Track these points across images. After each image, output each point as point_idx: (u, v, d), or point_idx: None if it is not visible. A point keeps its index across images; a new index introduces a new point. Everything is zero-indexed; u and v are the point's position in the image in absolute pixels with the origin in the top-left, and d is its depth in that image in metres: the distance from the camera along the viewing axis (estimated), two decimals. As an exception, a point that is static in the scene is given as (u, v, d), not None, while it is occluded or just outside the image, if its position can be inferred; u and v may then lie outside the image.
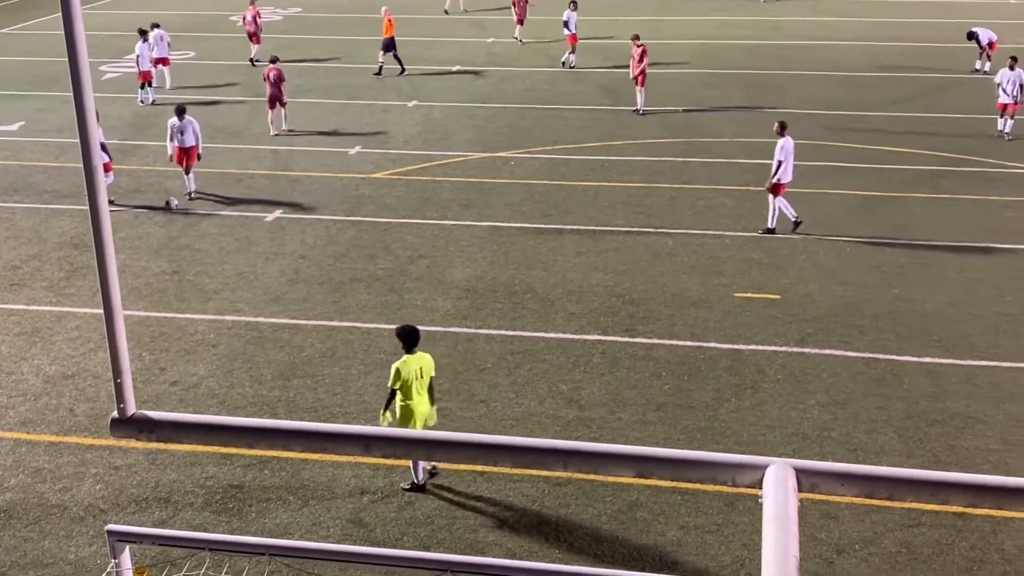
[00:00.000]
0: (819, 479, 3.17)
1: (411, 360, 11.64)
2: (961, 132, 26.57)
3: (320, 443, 3.89)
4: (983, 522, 11.25)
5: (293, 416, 13.55)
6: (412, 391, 11.56)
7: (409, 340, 11.74)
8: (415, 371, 11.61)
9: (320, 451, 3.67)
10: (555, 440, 3.33)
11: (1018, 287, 17.30)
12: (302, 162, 24.71)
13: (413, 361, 11.65)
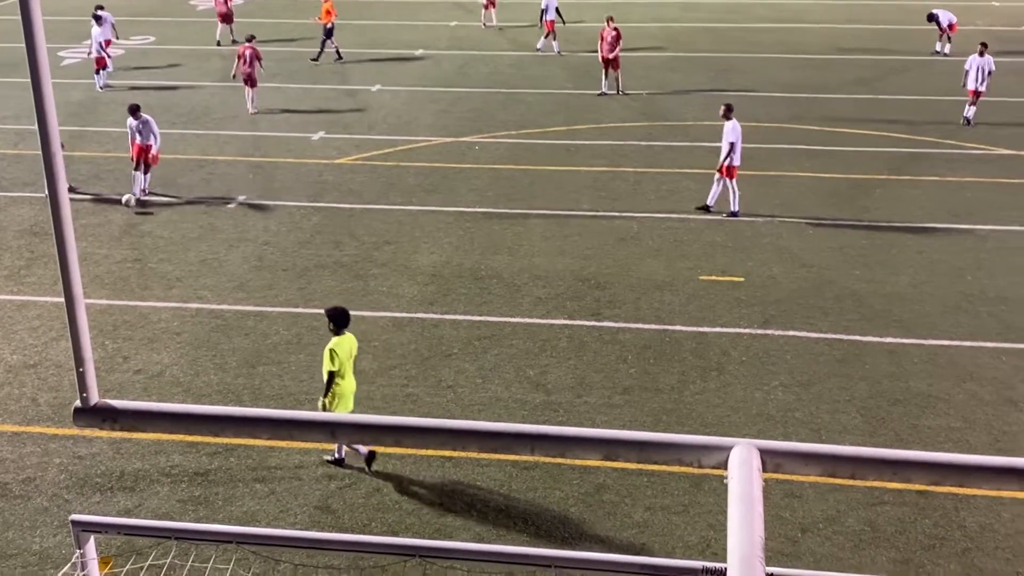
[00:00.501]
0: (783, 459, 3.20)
1: (343, 341, 11.67)
2: (922, 114, 26.81)
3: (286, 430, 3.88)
4: (945, 500, 11.41)
5: (259, 404, 13.49)
6: (346, 371, 11.62)
7: (340, 321, 11.75)
8: (348, 351, 11.64)
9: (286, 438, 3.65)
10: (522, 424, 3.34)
11: (978, 267, 17.52)
12: (264, 148, 24.52)
13: (345, 342, 11.69)
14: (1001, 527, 10.96)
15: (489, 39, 37.05)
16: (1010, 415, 13.10)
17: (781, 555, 10.44)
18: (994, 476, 3.13)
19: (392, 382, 13.96)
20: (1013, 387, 13.75)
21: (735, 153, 19.47)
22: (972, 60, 25.99)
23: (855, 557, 10.53)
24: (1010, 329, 15.34)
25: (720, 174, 19.69)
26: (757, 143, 24.16)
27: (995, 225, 19.34)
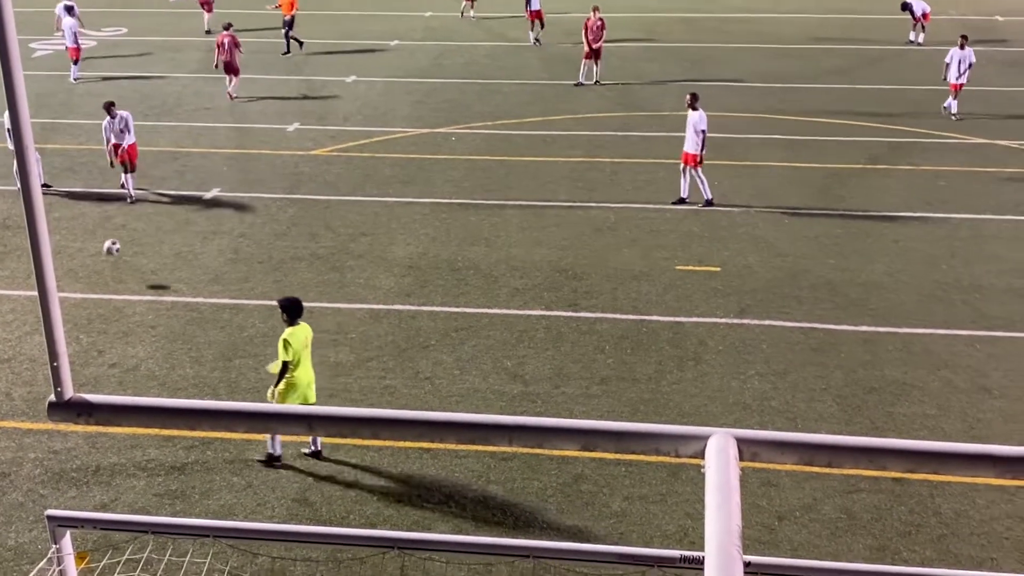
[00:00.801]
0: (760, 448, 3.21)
1: (298, 331, 11.65)
2: (896, 103, 26.95)
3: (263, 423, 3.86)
4: (920, 487, 11.50)
5: (235, 397, 13.43)
6: (302, 361, 11.60)
7: (294, 311, 11.71)
8: (303, 341, 11.63)
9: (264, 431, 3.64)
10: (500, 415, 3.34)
11: (952, 255, 17.65)
12: (239, 139, 24.39)
13: (300, 332, 11.67)
14: (976, 513, 11.06)
15: (464, 29, 36.97)
16: (984, 402, 13.21)
17: (758, 543, 10.50)
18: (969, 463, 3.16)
19: (369, 374, 13.94)
20: (987, 375, 13.86)
21: (694, 142, 19.53)
22: (953, 53, 25.78)
23: (832, 544, 10.60)
24: (984, 317, 15.46)
25: (687, 164, 19.75)
26: (733, 133, 24.24)
27: (969, 214, 19.48)
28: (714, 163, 21.58)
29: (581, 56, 29.16)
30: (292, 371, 11.57)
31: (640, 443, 3.37)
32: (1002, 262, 17.35)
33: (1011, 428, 12.58)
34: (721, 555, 2.71)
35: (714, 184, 20.47)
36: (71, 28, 29.37)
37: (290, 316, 11.71)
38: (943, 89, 26.82)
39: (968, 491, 11.39)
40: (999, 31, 35.70)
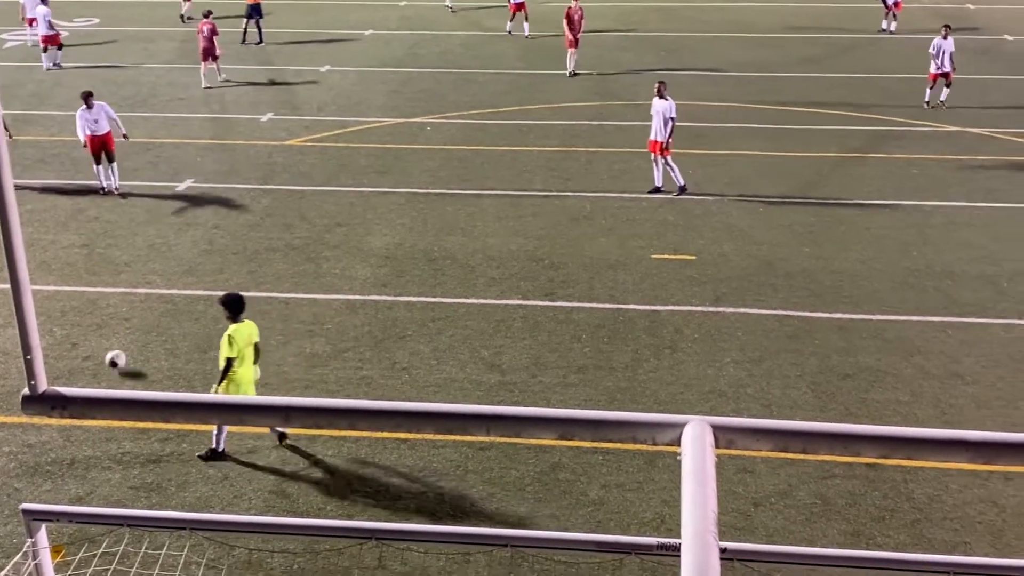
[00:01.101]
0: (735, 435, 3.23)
1: (242, 328, 11.60)
2: (869, 92, 27.09)
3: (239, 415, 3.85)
4: (894, 472, 11.60)
5: (210, 389, 13.37)
6: (245, 358, 11.56)
7: (236, 307, 11.66)
8: (247, 338, 11.60)
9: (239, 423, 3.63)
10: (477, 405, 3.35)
11: (924, 243, 17.78)
12: (212, 129, 24.24)
13: (244, 328, 11.63)
14: (949, 498, 11.17)
15: (440, 19, 36.86)
16: (956, 388, 13.33)
17: (734, 529, 10.56)
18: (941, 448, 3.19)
19: (346, 365, 13.91)
20: (959, 361, 13.99)
21: (656, 129, 19.54)
22: (938, 43, 25.57)
23: (807, 530, 10.68)
24: (956, 303, 15.59)
25: (655, 153, 19.76)
26: (708, 122, 24.31)
27: (941, 201, 19.62)
28: (689, 152, 21.64)
29: (562, 46, 29.13)
30: (235, 368, 11.47)
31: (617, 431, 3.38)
32: (974, 249, 17.49)
33: (983, 414, 12.71)
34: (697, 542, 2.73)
35: (688, 173, 20.52)
36: (45, 16, 29.19)
37: (232, 312, 11.60)
38: (917, 77, 26.98)
39: (941, 476, 11.50)
40: (970, 19, 35.92)
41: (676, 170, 19.76)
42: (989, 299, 15.72)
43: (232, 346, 11.41)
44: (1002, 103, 25.66)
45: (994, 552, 10.25)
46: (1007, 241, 17.79)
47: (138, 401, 4.16)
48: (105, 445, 12.21)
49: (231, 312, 11.64)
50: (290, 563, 10.07)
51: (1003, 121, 24.48)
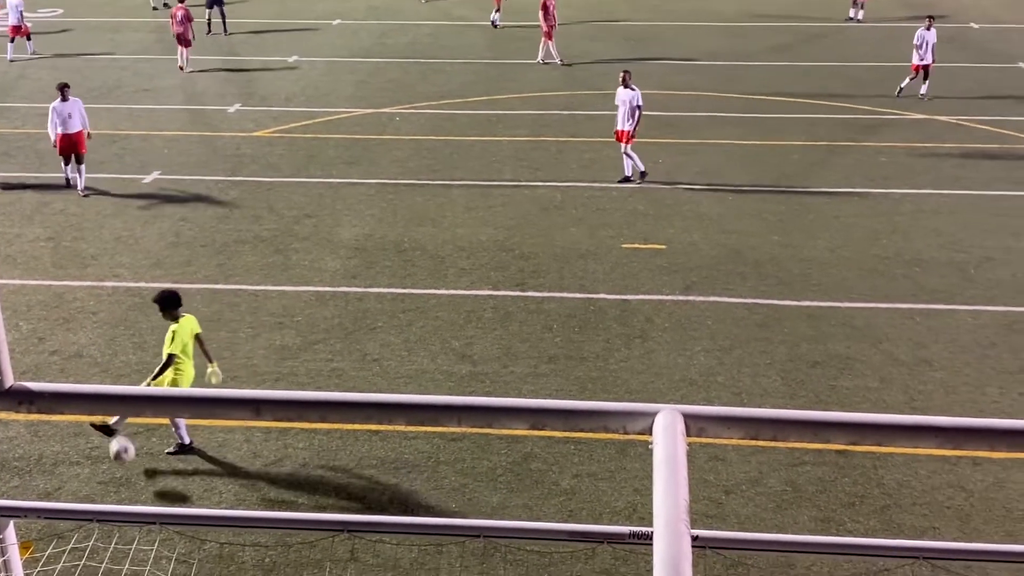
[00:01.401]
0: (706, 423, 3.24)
1: (185, 323, 11.48)
2: (837, 80, 27.24)
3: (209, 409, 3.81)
4: (864, 458, 11.69)
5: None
6: (188, 355, 11.45)
7: (171, 304, 11.49)
8: (190, 332, 11.51)
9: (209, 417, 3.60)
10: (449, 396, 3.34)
11: (892, 230, 17.91)
12: (179, 121, 24.04)
13: (187, 324, 11.52)
14: (918, 483, 11.27)
15: (408, 8, 36.71)
16: (925, 374, 13.45)
17: (706, 517, 10.61)
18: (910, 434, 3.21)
19: (316, 357, 13.85)
20: (927, 347, 14.11)
21: (622, 119, 19.55)
22: (921, 33, 25.49)
23: (777, 517, 10.75)
24: (924, 291, 15.73)
25: (621, 142, 19.78)
26: (677, 111, 24.37)
27: (909, 189, 19.77)
28: (659, 141, 21.70)
29: (532, 35, 29.10)
30: (179, 364, 11.33)
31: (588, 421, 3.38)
32: (941, 236, 17.65)
33: (951, 399, 12.83)
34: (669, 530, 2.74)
35: (657, 162, 20.59)
36: (16, 7, 28.93)
37: (169, 309, 11.43)
38: (885, 66, 27.17)
39: (910, 462, 11.60)
40: (937, 7, 36.15)
41: (635, 158, 19.78)
42: (957, 286, 15.87)
43: (176, 341, 11.28)
44: (969, 91, 25.87)
45: (962, 536, 10.37)
46: (974, 228, 17.96)
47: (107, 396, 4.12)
48: (73, 440, 12.10)
49: (168, 309, 11.45)
50: (261, 556, 10.03)
51: (970, 109, 24.69)
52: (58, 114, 19.25)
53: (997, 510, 10.82)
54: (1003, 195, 19.43)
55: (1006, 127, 23.31)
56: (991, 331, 14.52)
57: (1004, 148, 22.01)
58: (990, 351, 13.98)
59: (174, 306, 11.51)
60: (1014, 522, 10.62)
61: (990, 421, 3.02)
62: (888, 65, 28.69)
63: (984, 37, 32.16)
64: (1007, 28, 33.45)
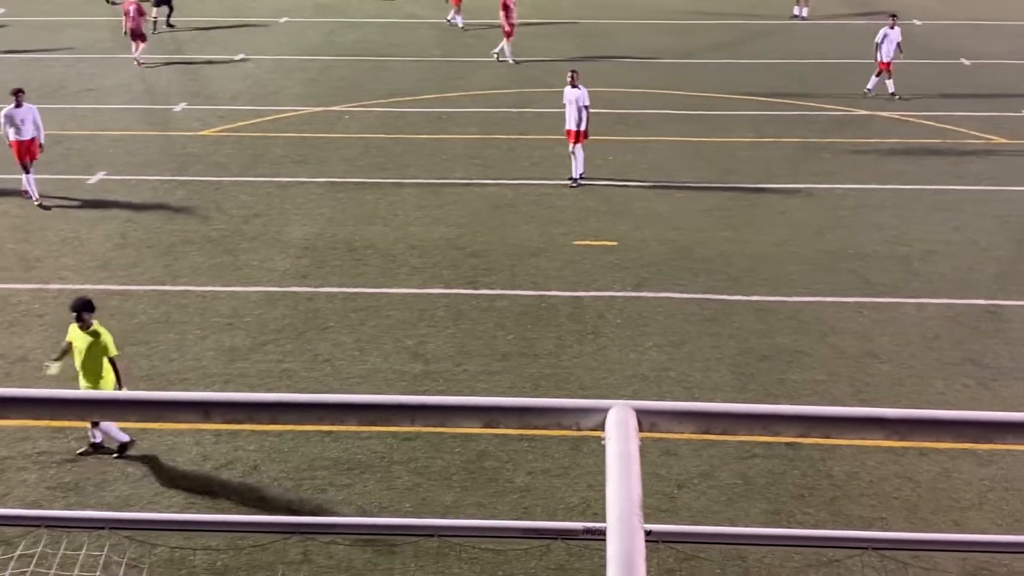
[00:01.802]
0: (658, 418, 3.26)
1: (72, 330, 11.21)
2: (783, 77, 27.52)
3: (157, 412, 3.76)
4: (813, 451, 11.83)
5: (128, 386, 13.09)
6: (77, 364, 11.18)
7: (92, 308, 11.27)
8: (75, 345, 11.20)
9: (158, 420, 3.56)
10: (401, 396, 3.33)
11: (837, 225, 18.14)
12: (125, 121, 23.72)
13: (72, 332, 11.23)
14: (866, 474, 11.43)
15: (356, 5, 36.52)
16: (871, 367, 13.64)
17: (659, 511, 10.68)
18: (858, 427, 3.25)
19: (267, 358, 13.74)
20: (873, 340, 14.31)
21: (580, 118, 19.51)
22: (885, 31, 25.54)
23: (729, 510, 10.85)
24: (869, 284, 15.95)
25: (575, 142, 19.72)
26: (626, 108, 24.48)
27: (853, 184, 20.03)
28: (609, 138, 21.79)
29: (484, 33, 29.07)
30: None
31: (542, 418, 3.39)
32: (885, 230, 17.90)
33: (897, 391, 13.03)
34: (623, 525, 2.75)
35: (608, 159, 20.68)
36: None
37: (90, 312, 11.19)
38: (830, 63, 27.48)
39: (858, 453, 11.76)
40: (880, 4, 36.67)
41: (578, 160, 19.70)
42: (901, 279, 16.11)
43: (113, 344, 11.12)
44: (912, 87, 26.26)
45: (910, 526, 10.53)
46: (917, 222, 18.24)
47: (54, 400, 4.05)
48: (20, 445, 11.90)
49: (88, 313, 11.17)
50: (213, 560, 9.93)
51: (913, 105, 25.06)
52: (10, 120, 18.46)
53: (944, 500, 11.01)
54: (945, 189, 19.76)
55: (948, 122, 23.71)
56: (935, 323, 14.76)
57: (946, 143, 22.37)
58: (934, 343, 14.21)
59: (93, 310, 11.29)
60: (961, 511, 10.82)
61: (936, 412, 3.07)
62: (833, 62, 29.06)
63: (927, 34, 32.65)
64: (949, 25, 34.01)
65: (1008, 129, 23.28)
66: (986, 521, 10.65)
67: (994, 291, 15.68)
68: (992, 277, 16.15)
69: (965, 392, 13.01)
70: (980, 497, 11.04)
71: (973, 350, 14.02)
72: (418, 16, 34.28)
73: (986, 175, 20.50)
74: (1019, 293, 15.61)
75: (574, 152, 19.78)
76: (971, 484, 11.24)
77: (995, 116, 24.21)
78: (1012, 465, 11.55)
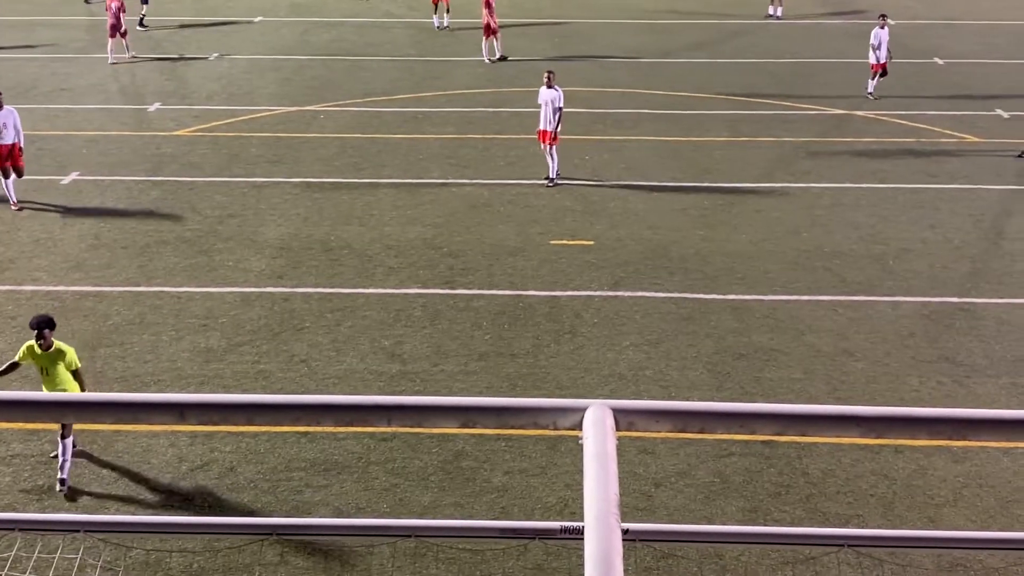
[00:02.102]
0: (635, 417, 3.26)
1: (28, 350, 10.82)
2: (758, 77, 27.63)
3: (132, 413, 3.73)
4: (789, 449, 11.89)
5: (102, 387, 13.02)
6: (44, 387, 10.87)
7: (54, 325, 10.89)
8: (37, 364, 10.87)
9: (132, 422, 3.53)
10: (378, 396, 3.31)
11: (813, 224, 18.23)
12: (98, 121, 23.55)
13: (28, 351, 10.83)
14: (842, 472, 11.49)
15: (331, 5, 36.41)
16: (847, 365, 13.72)
17: (636, 510, 10.71)
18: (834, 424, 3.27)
19: (242, 359, 13.67)
20: (848, 338, 14.39)
21: (554, 119, 19.46)
22: (877, 32, 25.54)
23: (706, 508, 10.89)
24: (845, 283, 16.04)
25: (548, 144, 19.61)
26: (602, 108, 24.53)
27: (829, 183, 20.14)
28: (585, 138, 21.83)
29: (453, 33, 29.05)
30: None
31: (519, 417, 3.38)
32: (861, 229, 18.01)
33: (873, 389, 13.11)
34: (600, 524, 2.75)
35: (585, 159, 20.69)
36: None
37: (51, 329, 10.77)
38: (804, 62, 27.59)
39: (834, 451, 11.83)
40: (854, 3, 36.92)
41: (555, 161, 19.71)
42: (876, 277, 16.21)
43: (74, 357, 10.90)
44: (886, 86, 26.42)
45: (886, 523, 10.60)
46: (893, 221, 18.36)
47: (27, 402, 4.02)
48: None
49: (50, 331, 10.74)
50: (189, 562, 9.87)
51: (887, 104, 25.22)
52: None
53: (919, 497, 11.08)
54: (919, 188, 19.90)
55: (923, 121, 23.88)
56: (910, 321, 14.86)
57: (920, 142, 22.53)
58: (909, 340, 14.31)
59: (55, 327, 10.93)
60: (936, 508, 10.89)
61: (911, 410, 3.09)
62: (808, 61, 29.21)
63: (900, 33, 32.84)
64: (922, 24, 34.25)
65: (982, 128, 23.47)
66: (960, 517, 10.73)
67: (968, 289, 15.81)
68: (966, 275, 16.28)
69: (940, 389, 13.11)
70: (955, 494, 11.12)
71: (947, 347, 14.13)
72: (393, 15, 34.19)
73: (960, 174, 20.66)
74: (992, 291, 15.75)
75: (549, 152, 19.77)
76: (946, 481, 11.32)
77: (969, 115, 24.41)
78: (986, 462, 11.64)
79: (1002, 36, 31.30)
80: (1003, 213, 18.76)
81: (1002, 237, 17.72)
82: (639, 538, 5.30)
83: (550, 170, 19.83)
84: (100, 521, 5.66)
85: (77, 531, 5.28)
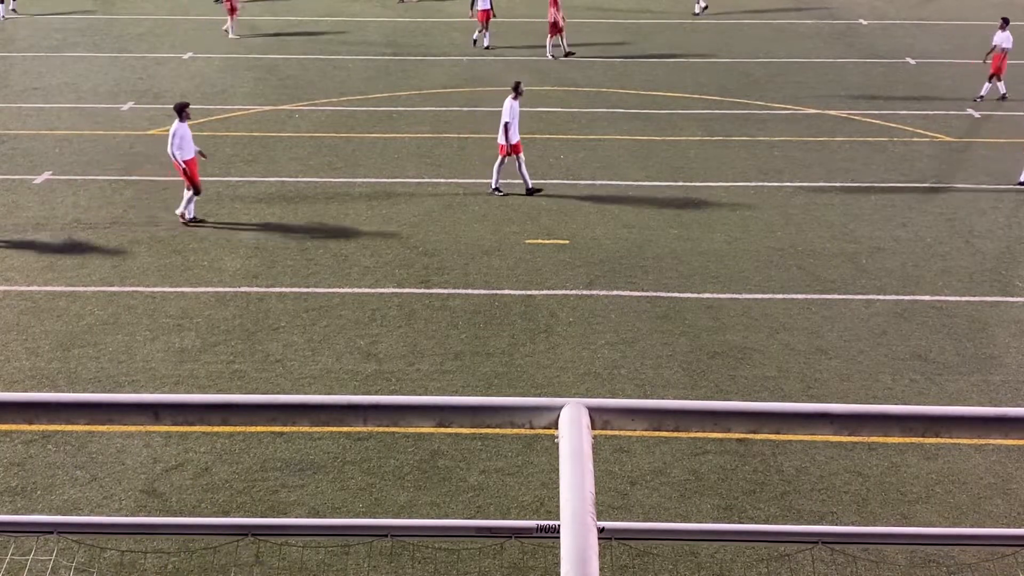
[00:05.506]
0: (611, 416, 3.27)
1: None
2: (731, 76, 27.75)
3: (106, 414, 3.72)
4: (763, 446, 11.95)
5: (76, 388, 12.94)
6: None
7: None
8: None
9: (106, 423, 3.51)
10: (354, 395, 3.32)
11: (786, 223, 18.33)
12: (70, 120, 23.37)
13: None
14: (816, 469, 11.57)
15: (304, 4, 36.26)
16: (820, 363, 13.81)
17: (612, 508, 10.74)
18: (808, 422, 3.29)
19: (217, 359, 13.61)
20: (822, 336, 14.49)
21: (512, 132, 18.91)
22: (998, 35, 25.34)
23: (682, 506, 10.93)
24: (818, 281, 16.14)
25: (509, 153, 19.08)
26: (577, 107, 24.56)
27: (802, 182, 20.26)
28: (560, 137, 21.86)
29: (427, 31, 29.00)
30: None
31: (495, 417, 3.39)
32: (834, 228, 18.12)
33: (846, 386, 13.20)
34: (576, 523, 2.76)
35: (559, 159, 20.69)
36: None
37: None
38: (775, 62, 27.70)
39: (808, 448, 11.90)
40: (826, 2, 37.12)
41: (499, 173, 19.23)
42: (849, 276, 16.32)
43: None
44: (858, 85, 26.60)
45: (860, 520, 10.67)
46: (865, 220, 18.49)
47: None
48: (-37, 450, 11.68)
49: None
50: (164, 563, 9.82)
51: (859, 103, 25.39)
52: None
53: (892, 493, 11.17)
54: (892, 187, 20.05)
55: (894, 121, 24.06)
56: (883, 319, 14.97)
57: (893, 141, 22.70)
58: (882, 339, 14.42)
59: None
60: (909, 505, 10.98)
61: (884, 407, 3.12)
62: (780, 61, 29.35)
63: (873, 33, 33.09)
64: (895, 24, 34.48)
65: (953, 127, 23.67)
66: (933, 514, 10.83)
67: (939, 287, 15.94)
68: (938, 273, 16.42)
69: (912, 387, 13.21)
70: (927, 491, 11.22)
71: (919, 345, 14.24)
72: (366, 15, 34.10)
73: (931, 173, 20.83)
74: (964, 289, 15.89)
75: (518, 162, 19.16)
76: (918, 478, 11.42)
77: (940, 115, 24.61)
78: (958, 458, 11.75)
79: (973, 36, 31.55)
80: (975, 212, 18.94)
81: (973, 235, 17.88)
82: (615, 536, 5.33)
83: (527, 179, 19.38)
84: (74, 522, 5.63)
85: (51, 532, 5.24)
